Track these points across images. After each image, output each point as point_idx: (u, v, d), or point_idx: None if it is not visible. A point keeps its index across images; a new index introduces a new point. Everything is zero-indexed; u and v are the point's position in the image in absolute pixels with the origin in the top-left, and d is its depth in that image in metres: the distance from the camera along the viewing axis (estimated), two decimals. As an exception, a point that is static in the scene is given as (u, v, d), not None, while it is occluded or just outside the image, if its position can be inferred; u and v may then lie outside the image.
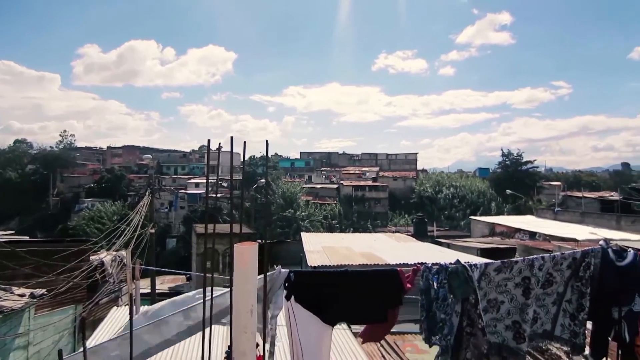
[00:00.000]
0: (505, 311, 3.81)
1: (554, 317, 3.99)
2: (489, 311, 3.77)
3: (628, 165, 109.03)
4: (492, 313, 3.78)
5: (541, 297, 3.94)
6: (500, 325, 3.80)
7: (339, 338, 8.40)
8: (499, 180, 65.13)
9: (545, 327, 3.98)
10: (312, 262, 12.52)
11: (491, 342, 3.76)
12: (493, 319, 3.79)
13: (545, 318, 3.98)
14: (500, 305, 3.80)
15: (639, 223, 23.67)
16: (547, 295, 3.96)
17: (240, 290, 2.27)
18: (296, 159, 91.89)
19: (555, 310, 3.99)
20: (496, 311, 3.79)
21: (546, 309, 3.97)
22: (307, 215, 49.84)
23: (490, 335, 3.77)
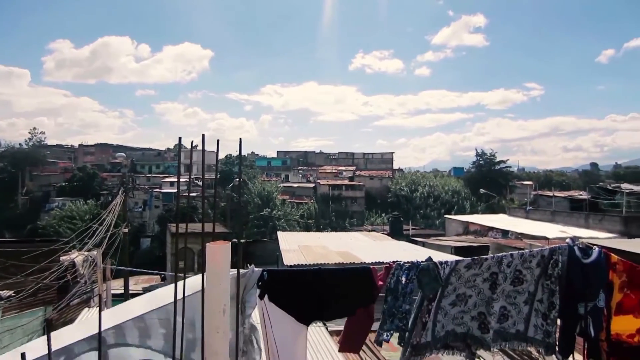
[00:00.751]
0: (472, 304, 3.94)
1: (526, 317, 4.09)
2: (457, 305, 3.90)
3: (596, 165, 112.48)
4: (460, 306, 3.91)
5: (512, 295, 4.04)
6: (466, 316, 3.94)
7: (314, 336, 8.42)
8: (473, 180, 66.33)
9: (518, 327, 4.08)
10: (288, 261, 12.53)
11: (457, 332, 3.93)
12: (461, 312, 3.93)
13: (518, 317, 4.07)
14: (468, 299, 3.93)
15: (606, 221, 24.42)
16: (518, 293, 4.05)
17: (212, 290, 2.26)
18: (273, 158, 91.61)
19: (528, 310, 4.08)
20: (464, 304, 3.92)
21: (518, 308, 4.07)
22: (283, 215, 49.73)
23: (457, 327, 3.92)
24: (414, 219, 48.42)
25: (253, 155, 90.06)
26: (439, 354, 3.97)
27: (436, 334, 3.85)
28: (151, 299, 3.08)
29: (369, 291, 3.66)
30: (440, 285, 3.78)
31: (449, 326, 3.90)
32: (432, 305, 3.79)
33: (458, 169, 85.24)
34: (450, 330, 3.90)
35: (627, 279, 4.08)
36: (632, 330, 4.01)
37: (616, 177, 73.21)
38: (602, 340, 4.07)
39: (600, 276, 4.09)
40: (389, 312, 3.68)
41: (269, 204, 50.22)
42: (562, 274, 4.16)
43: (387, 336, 3.69)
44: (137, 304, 3.14)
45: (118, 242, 22.75)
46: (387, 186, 66.82)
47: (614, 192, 32.27)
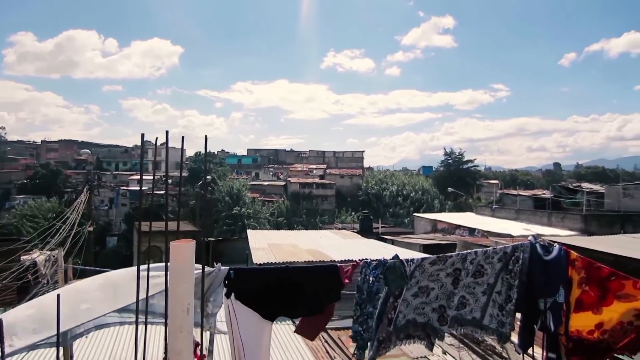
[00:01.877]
0: (434, 296, 4.05)
1: (483, 307, 4.22)
2: (419, 296, 4.01)
3: (559, 165, 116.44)
4: (422, 298, 4.02)
5: (471, 285, 4.17)
6: (427, 307, 4.05)
7: (284, 334, 8.42)
8: (441, 179, 67.56)
9: (474, 315, 4.20)
10: (258, 259, 12.46)
11: (417, 322, 4.04)
12: (422, 303, 4.04)
13: (475, 305, 4.19)
14: (430, 291, 4.03)
15: (568, 219, 25.27)
16: (478, 284, 4.18)
17: (176, 289, 2.22)
18: (243, 156, 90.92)
19: (485, 300, 4.21)
20: (426, 296, 4.03)
21: (475, 297, 4.19)
22: (254, 213, 49.38)
23: (418, 316, 4.03)
24: (383, 217, 48.91)
25: (223, 153, 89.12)
26: (402, 344, 4.04)
27: (398, 323, 3.93)
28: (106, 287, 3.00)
29: (335, 289, 3.69)
30: (406, 283, 3.85)
31: (410, 315, 4.00)
32: (397, 302, 3.84)
33: (427, 167, 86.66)
34: (411, 319, 4.00)
35: (585, 275, 4.21)
36: (591, 326, 4.14)
37: (577, 177, 75.95)
38: (561, 334, 4.20)
39: (560, 272, 4.22)
40: (357, 315, 3.73)
41: (239, 202, 49.78)
42: (524, 270, 4.28)
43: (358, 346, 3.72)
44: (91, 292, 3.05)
45: (83, 241, 22.16)
46: (357, 184, 67.22)
47: (575, 191, 33.47)
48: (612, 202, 28.14)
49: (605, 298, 4.05)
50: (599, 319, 4.07)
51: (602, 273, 4.15)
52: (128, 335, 7.66)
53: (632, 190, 27.25)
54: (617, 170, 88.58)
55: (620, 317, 3.97)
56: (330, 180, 68.18)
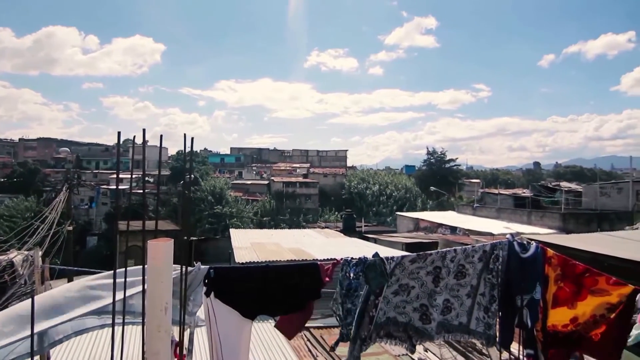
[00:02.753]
0: (414, 295, 4.05)
1: (469, 310, 4.24)
2: (399, 294, 4.00)
3: (539, 164, 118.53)
4: (403, 296, 4.01)
5: (455, 288, 4.18)
6: (408, 307, 4.04)
7: (266, 333, 8.40)
8: (424, 177, 68.01)
9: (461, 320, 4.22)
10: (240, 258, 12.41)
11: (399, 321, 4.02)
12: (403, 301, 4.03)
13: (460, 310, 4.21)
14: (411, 290, 4.03)
15: (547, 218, 25.72)
16: (461, 286, 4.20)
17: (153, 288, 2.21)
18: (226, 155, 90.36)
19: (470, 303, 4.24)
20: (406, 294, 4.02)
21: (460, 300, 4.21)
22: (237, 212, 49.11)
23: (399, 315, 4.02)
24: (366, 216, 49.10)
25: (205, 152, 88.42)
26: (382, 342, 4.04)
27: (378, 320, 3.93)
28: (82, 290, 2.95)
29: (315, 287, 3.69)
30: (386, 281, 3.86)
31: (391, 313, 3.99)
32: (379, 300, 3.86)
33: (410, 166, 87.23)
34: (392, 317, 4.00)
35: (561, 272, 4.30)
36: (566, 320, 4.24)
37: (556, 176, 77.28)
38: (537, 330, 4.29)
39: (537, 270, 4.30)
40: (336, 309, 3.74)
41: (222, 201, 49.45)
42: (502, 268, 4.36)
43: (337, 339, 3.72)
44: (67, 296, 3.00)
45: (62, 241, 21.76)
46: (341, 183, 67.33)
47: (554, 190, 34.08)
48: (590, 201, 28.74)
49: (579, 293, 4.14)
50: (574, 313, 4.17)
51: (577, 270, 4.24)
52: (109, 338, 7.55)
53: (609, 189, 27.87)
54: (594, 169, 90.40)
55: (593, 311, 4.07)
56: (313, 179, 68.16)
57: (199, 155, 73.20)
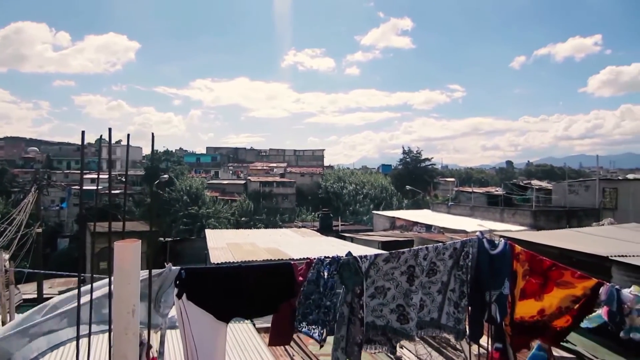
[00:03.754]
0: (391, 296, 4.07)
1: (439, 306, 4.31)
2: (376, 297, 4.01)
3: (511, 163, 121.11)
4: (379, 299, 4.03)
5: (427, 285, 4.24)
6: (385, 309, 4.05)
7: (241, 334, 8.34)
8: (399, 176, 68.66)
9: (432, 315, 4.29)
10: (216, 259, 12.30)
11: (377, 325, 4.02)
12: (380, 304, 4.04)
13: (432, 306, 4.28)
14: (387, 292, 4.05)
15: (518, 215, 26.30)
16: (432, 283, 4.27)
17: (120, 290, 2.18)
18: (202, 154, 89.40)
19: (441, 299, 4.31)
20: (383, 297, 4.04)
21: (432, 297, 4.28)
22: (213, 212, 48.62)
23: (377, 319, 4.03)
24: (343, 215, 49.31)
25: (181, 151, 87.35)
26: (366, 348, 3.99)
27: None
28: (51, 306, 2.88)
29: (290, 287, 3.67)
30: (362, 278, 3.83)
31: (368, 318, 3.98)
32: (362, 301, 3.81)
33: (386, 166, 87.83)
34: (370, 322, 3.99)
35: (529, 268, 4.42)
36: (534, 312, 4.36)
37: (528, 175, 79.07)
38: (506, 324, 4.40)
39: (505, 266, 4.41)
40: (315, 304, 3.68)
41: (198, 202, 48.88)
42: (472, 265, 4.45)
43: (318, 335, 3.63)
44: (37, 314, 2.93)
45: (30, 243, 21.17)
46: (318, 183, 67.42)
47: (526, 188, 34.89)
48: (559, 199, 29.51)
49: (546, 285, 4.27)
50: (541, 305, 4.30)
51: (544, 265, 4.37)
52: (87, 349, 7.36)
53: (577, 187, 28.66)
54: (564, 168, 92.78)
55: (559, 303, 4.20)
56: (290, 179, 68.05)
57: (174, 155, 72.26)
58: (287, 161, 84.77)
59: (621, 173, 57.68)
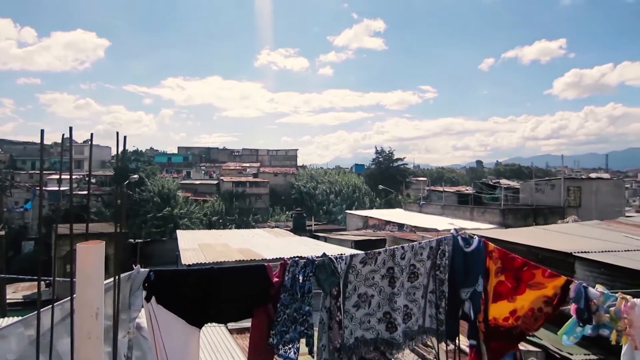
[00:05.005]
0: (376, 304, 3.95)
1: (423, 310, 4.27)
2: (361, 307, 3.88)
3: (481, 162, 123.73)
4: (365, 308, 3.89)
5: (411, 292, 4.17)
6: (373, 319, 3.93)
7: (215, 336, 8.21)
8: (372, 176, 69.28)
9: (419, 323, 4.23)
10: (187, 260, 12.09)
11: (367, 339, 3.88)
12: (366, 315, 3.90)
13: (419, 314, 4.22)
14: (371, 300, 3.93)
15: (488, 213, 26.86)
16: (416, 288, 4.20)
17: (83, 294, 2.07)
18: (173, 154, 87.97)
19: (424, 303, 4.27)
20: (368, 306, 3.91)
21: (418, 304, 4.21)
22: (185, 213, 47.84)
23: (366, 332, 3.88)
24: (317, 214, 49.33)
25: (152, 151, 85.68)
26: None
27: (345, 341, 3.75)
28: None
29: (264, 289, 3.55)
30: (339, 279, 3.73)
31: (358, 332, 3.86)
32: (339, 303, 3.70)
33: (359, 165, 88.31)
34: (360, 337, 3.86)
35: (501, 265, 4.47)
36: (507, 313, 4.40)
37: (497, 174, 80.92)
38: (479, 321, 4.44)
39: (479, 263, 4.45)
40: (291, 318, 3.53)
41: (170, 202, 48.01)
42: (448, 263, 4.48)
43: (293, 354, 3.46)
44: None
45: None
46: (291, 183, 67.28)
47: (495, 187, 35.61)
48: (527, 197, 30.25)
49: (518, 287, 4.32)
50: (513, 306, 4.35)
51: (515, 263, 4.42)
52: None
53: (543, 186, 29.46)
54: (531, 167, 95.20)
55: (531, 305, 4.25)
56: (263, 179, 67.75)
57: (145, 155, 70.78)
58: (260, 161, 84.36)
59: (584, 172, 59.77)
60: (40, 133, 2.15)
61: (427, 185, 48.32)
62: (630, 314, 4.10)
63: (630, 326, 4.11)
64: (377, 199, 60.00)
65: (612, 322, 4.16)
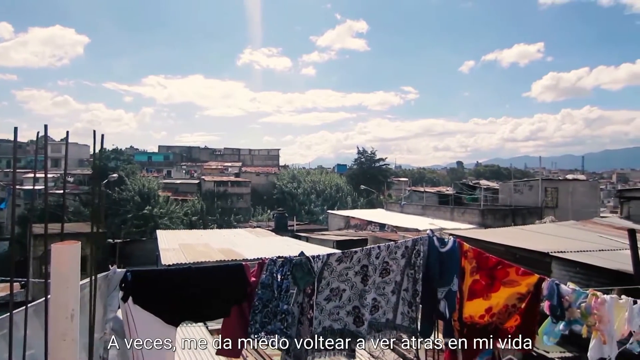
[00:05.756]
0: (346, 298, 4.06)
1: (394, 306, 4.33)
2: (332, 299, 3.98)
3: (461, 163, 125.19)
4: (335, 301, 4.00)
5: (380, 286, 4.25)
6: (342, 312, 4.04)
7: (194, 336, 8.17)
8: (354, 176, 69.52)
9: (387, 316, 4.30)
10: (167, 260, 11.99)
11: (334, 329, 3.99)
12: (336, 307, 4.01)
13: (387, 307, 4.29)
14: (342, 293, 4.03)
15: (468, 214, 27.22)
16: (386, 283, 4.30)
17: (58, 295, 2.07)
18: (154, 153, 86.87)
19: (395, 299, 4.34)
20: (339, 299, 4.02)
21: (386, 298, 4.29)
22: (166, 212, 47.33)
23: (334, 323, 4.00)
24: (299, 214, 49.29)
25: (132, 150, 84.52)
26: (321, 357, 3.94)
27: (314, 330, 3.85)
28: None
29: (242, 289, 3.59)
30: (314, 279, 3.81)
31: (326, 322, 3.95)
32: (312, 301, 3.79)
33: (342, 166, 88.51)
34: (327, 327, 3.96)
35: (476, 265, 4.57)
36: (482, 311, 4.51)
37: (477, 175, 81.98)
38: (455, 320, 4.53)
39: (454, 263, 4.54)
40: (271, 313, 3.61)
41: (150, 202, 47.42)
42: (423, 262, 4.56)
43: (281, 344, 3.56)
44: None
45: (-36, 247, 19.87)
46: (273, 183, 67.10)
47: (475, 187, 36.12)
48: (505, 198, 30.77)
49: (492, 285, 4.43)
50: (488, 304, 4.45)
51: (490, 262, 4.53)
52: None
53: (522, 187, 30.00)
54: (510, 168, 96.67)
55: (505, 301, 4.37)
56: (245, 179, 67.41)
57: (124, 154, 69.81)
58: (242, 160, 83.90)
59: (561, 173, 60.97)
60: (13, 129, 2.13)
61: (409, 185, 48.76)
62: (600, 309, 4.26)
63: (599, 321, 4.26)
64: (359, 199, 60.25)
65: (583, 318, 4.31)
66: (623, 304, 4.34)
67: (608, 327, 4.28)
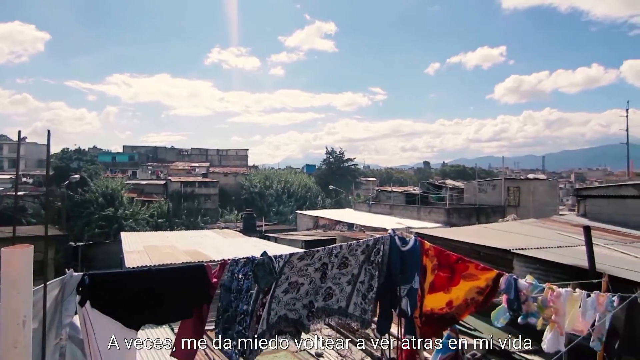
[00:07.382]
0: (304, 292, 4.19)
1: (348, 296, 4.49)
2: (289, 292, 4.10)
3: (428, 163, 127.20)
4: (293, 293, 4.13)
5: (337, 276, 4.41)
6: (298, 303, 4.17)
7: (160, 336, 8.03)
8: (323, 176, 69.78)
9: (340, 304, 4.46)
10: (131, 263, 11.70)
11: (289, 318, 4.14)
12: (293, 298, 4.14)
13: (341, 295, 4.45)
14: (300, 287, 4.16)
15: (434, 213, 27.72)
16: (343, 275, 4.44)
17: (9, 300, 2.01)
18: (118, 153, 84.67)
19: (350, 290, 4.49)
20: (296, 292, 4.15)
21: (341, 287, 4.45)
22: (131, 214, 46.20)
23: (289, 312, 4.13)
24: (267, 215, 49.07)
25: (95, 150, 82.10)
26: (275, 340, 4.08)
27: (270, 321, 3.97)
28: None
29: (204, 290, 3.57)
30: (275, 279, 3.90)
31: (282, 311, 4.07)
32: (266, 299, 3.88)
33: (310, 166, 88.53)
34: (283, 315, 4.08)
35: (437, 262, 4.69)
36: (442, 304, 4.63)
37: (443, 175, 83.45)
38: (416, 317, 4.63)
39: (415, 261, 4.65)
40: (232, 316, 3.63)
41: (114, 203, 46.18)
42: (384, 261, 4.65)
43: (235, 349, 3.59)
44: None
45: None
46: (241, 183, 66.53)
47: (441, 187, 36.83)
48: (470, 197, 31.51)
49: (453, 278, 4.56)
50: (449, 297, 4.58)
51: (451, 259, 4.65)
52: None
53: (486, 186, 30.80)
54: (475, 168, 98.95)
55: (465, 295, 4.51)
56: (213, 179, 66.53)
57: (87, 154, 67.75)
58: (210, 161, 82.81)
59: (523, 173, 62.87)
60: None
61: (377, 185, 49.24)
62: (556, 302, 4.45)
63: (556, 314, 4.45)
64: (327, 199, 60.44)
65: (539, 311, 4.49)
66: (577, 297, 4.55)
67: (564, 319, 4.48)
